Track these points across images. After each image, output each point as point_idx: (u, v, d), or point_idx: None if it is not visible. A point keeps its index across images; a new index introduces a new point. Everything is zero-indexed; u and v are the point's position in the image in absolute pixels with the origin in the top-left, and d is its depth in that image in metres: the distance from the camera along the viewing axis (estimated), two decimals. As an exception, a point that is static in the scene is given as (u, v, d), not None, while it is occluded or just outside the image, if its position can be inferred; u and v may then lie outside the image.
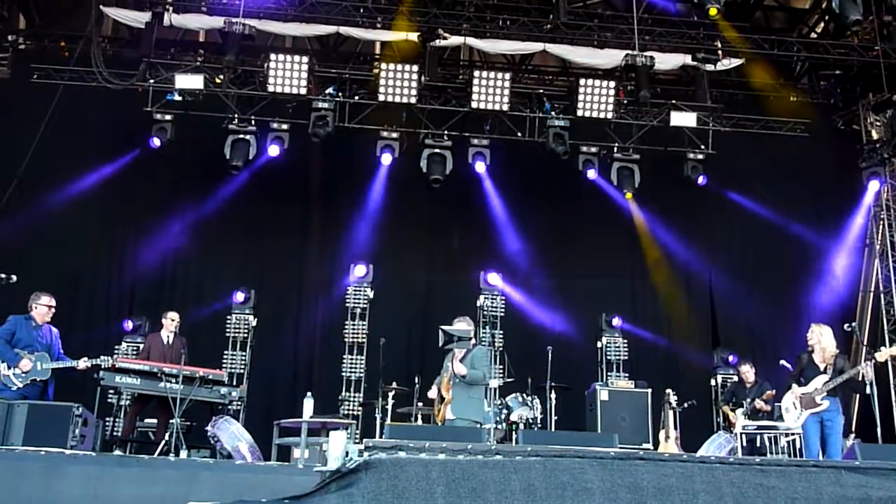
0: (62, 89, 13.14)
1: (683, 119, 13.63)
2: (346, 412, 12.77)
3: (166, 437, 9.73)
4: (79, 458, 6.60)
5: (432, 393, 9.25)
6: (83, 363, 9.59)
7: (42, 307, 9.59)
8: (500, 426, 10.73)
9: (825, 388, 8.88)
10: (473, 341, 8.98)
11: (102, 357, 9.73)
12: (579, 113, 13.32)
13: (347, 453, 5.71)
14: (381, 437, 9.46)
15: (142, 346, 11.84)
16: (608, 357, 13.72)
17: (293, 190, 14.44)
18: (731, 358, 13.94)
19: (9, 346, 9.28)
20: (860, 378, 8.80)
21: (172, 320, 10.95)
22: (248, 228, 14.24)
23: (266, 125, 13.66)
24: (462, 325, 8.96)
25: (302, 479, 5.76)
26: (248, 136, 13.51)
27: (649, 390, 12.26)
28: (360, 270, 13.58)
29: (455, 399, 8.75)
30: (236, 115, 13.51)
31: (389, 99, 13.09)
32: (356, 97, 13.69)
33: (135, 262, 14.16)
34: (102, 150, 13.71)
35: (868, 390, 8.76)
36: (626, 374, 13.52)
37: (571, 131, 13.56)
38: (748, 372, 12.01)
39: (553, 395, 11.57)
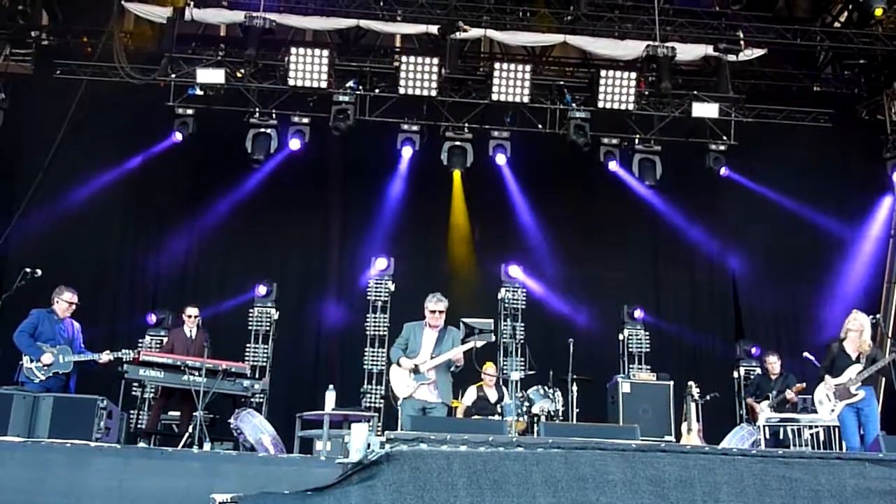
0: (85, 85, 13.23)
1: (705, 110, 13.54)
2: (367, 405, 12.81)
3: (190, 430, 9.79)
4: (104, 450, 6.64)
5: (407, 363, 8.85)
6: (105, 356, 9.67)
7: (63, 303, 9.66)
8: (521, 418, 10.74)
9: (859, 377, 8.79)
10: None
11: (124, 350, 9.81)
12: (600, 104, 13.25)
13: (369, 445, 5.75)
14: (402, 429, 9.50)
15: (165, 339, 11.94)
16: (630, 349, 13.71)
17: (314, 183, 14.48)
18: (753, 350, 13.89)
19: (32, 340, 9.36)
20: (891, 365, 8.73)
21: (190, 316, 11.03)
22: (270, 222, 14.30)
23: (287, 119, 13.70)
24: (441, 307, 9.08)
25: (324, 471, 5.79)
26: (269, 130, 13.56)
27: (671, 382, 12.23)
28: (381, 263, 13.62)
29: (439, 381, 8.80)
30: (257, 109, 13.55)
31: (410, 92, 13.09)
32: (376, 90, 13.69)
33: (157, 255, 14.26)
34: (125, 144, 13.80)
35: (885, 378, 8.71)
36: (648, 367, 13.49)
37: (592, 123, 13.52)
38: (774, 363, 11.90)
39: (575, 388, 11.56)
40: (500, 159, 14.06)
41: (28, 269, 9.29)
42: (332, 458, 6.83)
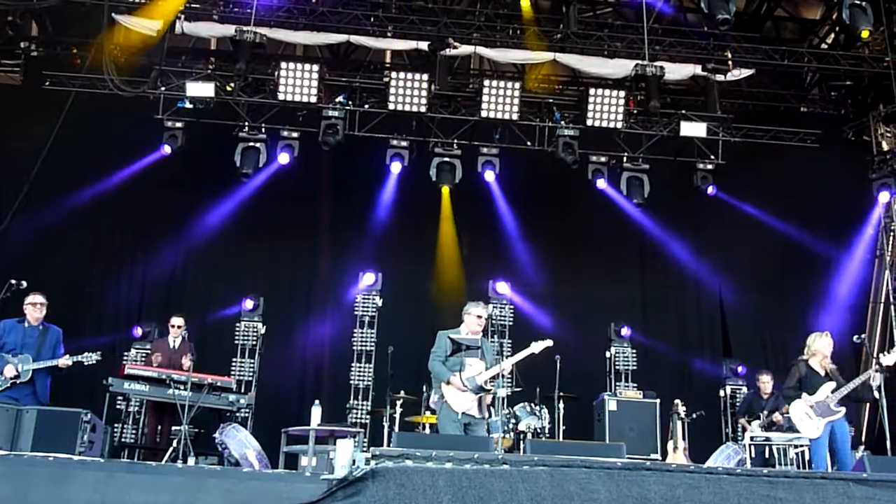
0: (74, 96, 13.20)
1: (693, 129, 13.62)
2: (353, 420, 12.76)
3: (174, 444, 9.74)
4: (87, 464, 6.60)
5: (459, 382, 8.50)
6: (64, 361, 9.38)
7: (28, 306, 9.48)
8: (507, 435, 10.72)
9: (837, 395, 8.84)
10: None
11: (86, 354, 9.55)
12: (589, 122, 13.33)
13: (354, 461, 5.70)
14: (388, 445, 9.46)
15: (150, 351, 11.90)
16: (617, 367, 13.70)
17: (303, 198, 14.47)
18: (740, 368, 13.91)
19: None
20: (869, 382, 8.77)
21: (175, 325, 10.98)
22: (258, 236, 14.26)
23: (276, 133, 13.69)
24: (486, 313, 8.89)
25: (309, 486, 5.76)
26: (258, 144, 13.55)
27: (658, 400, 12.25)
28: (368, 278, 13.61)
29: (483, 397, 8.62)
30: (247, 123, 13.55)
31: (399, 108, 13.12)
32: (366, 106, 13.72)
33: (144, 268, 14.23)
34: (113, 157, 13.73)
35: (876, 395, 8.75)
36: (635, 385, 13.50)
37: (581, 140, 13.56)
38: (767, 382, 11.91)
39: (561, 405, 11.57)
40: (489, 176, 14.10)
41: (13, 281, 9.21)
42: (317, 473, 6.78)
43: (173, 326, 11.04)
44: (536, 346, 8.95)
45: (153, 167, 13.72)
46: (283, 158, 13.70)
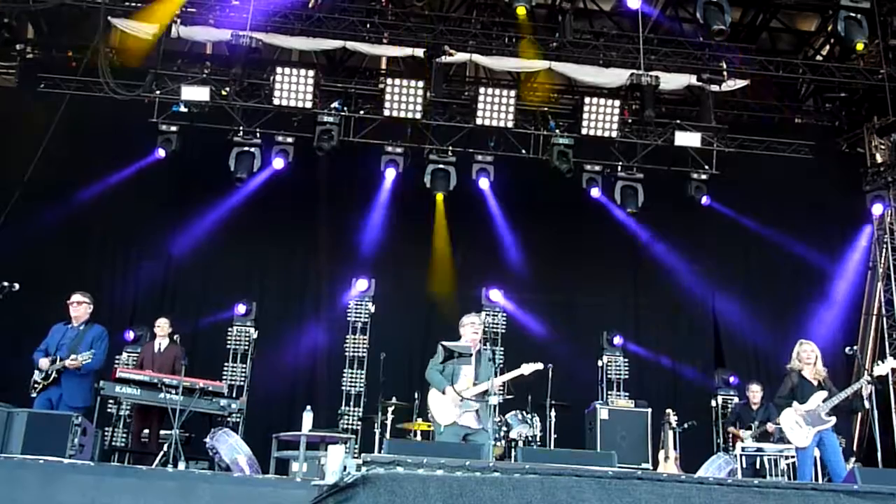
0: (69, 99, 13.19)
1: (688, 139, 13.65)
2: (345, 426, 12.75)
3: (165, 449, 9.70)
4: (77, 467, 6.56)
5: (452, 392, 8.36)
6: (69, 362, 9.15)
7: (70, 307, 9.55)
8: (499, 443, 10.70)
9: (828, 404, 8.83)
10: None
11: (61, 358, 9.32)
12: (584, 131, 13.36)
13: (345, 468, 5.69)
14: (379, 451, 9.44)
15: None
16: (609, 376, 13.70)
17: (297, 203, 14.46)
18: (732, 379, 13.90)
19: (38, 356, 9.29)
20: (861, 391, 8.77)
21: (160, 327, 10.94)
22: (251, 241, 14.25)
23: (271, 138, 13.71)
24: (473, 318, 8.79)
25: (300, 492, 5.74)
26: (252, 149, 13.57)
27: (649, 410, 12.24)
28: (362, 285, 13.61)
29: (481, 408, 8.43)
30: (241, 128, 13.56)
31: (395, 114, 13.13)
32: (361, 112, 13.74)
33: (137, 272, 14.19)
34: (107, 160, 13.71)
35: (867, 404, 8.75)
36: (627, 394, 13.50)
37: (576, 149, 13.62)
38: (757, 392, 11.91)
39: (553, 413, 11.56)
40: (484, 183, 14.12)
41: (6, 284, 9.16)
42: (308, 479, 6.78)
43: (159, 327, 10.99)
44: (526, 369, 8.85)
45: (147, 170, 13.72)
46: (278, 163, 13.72)
